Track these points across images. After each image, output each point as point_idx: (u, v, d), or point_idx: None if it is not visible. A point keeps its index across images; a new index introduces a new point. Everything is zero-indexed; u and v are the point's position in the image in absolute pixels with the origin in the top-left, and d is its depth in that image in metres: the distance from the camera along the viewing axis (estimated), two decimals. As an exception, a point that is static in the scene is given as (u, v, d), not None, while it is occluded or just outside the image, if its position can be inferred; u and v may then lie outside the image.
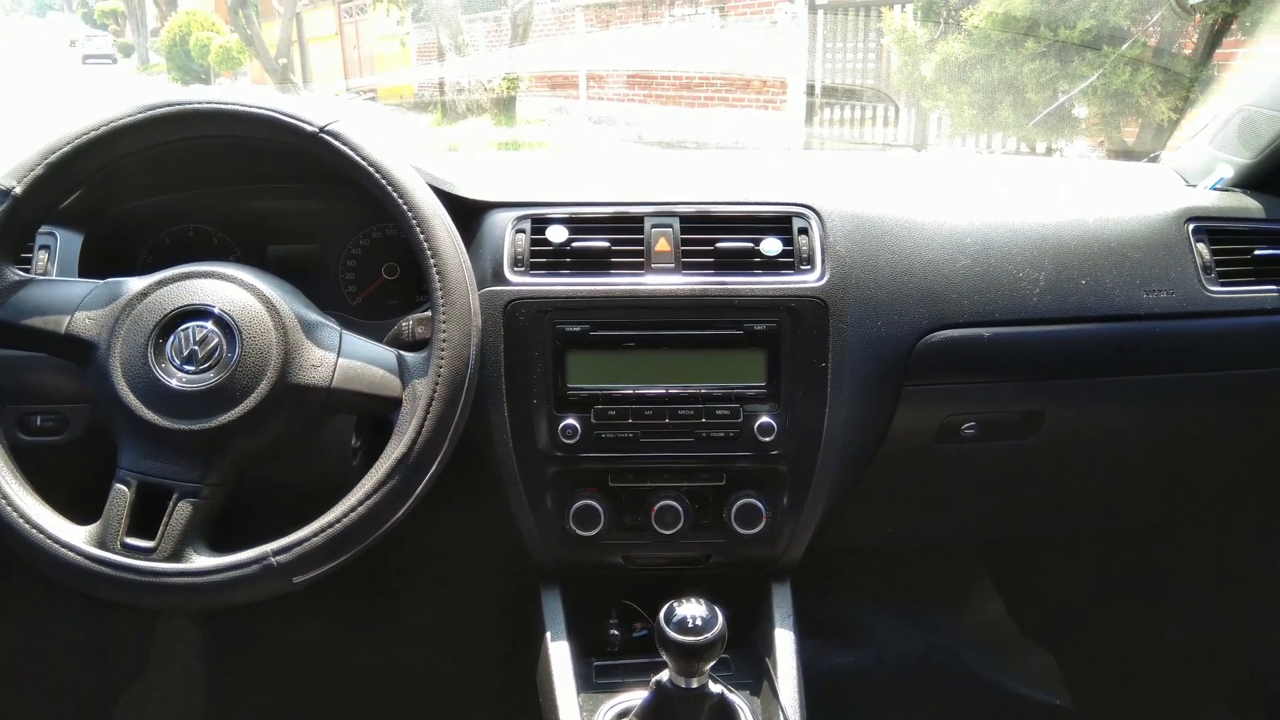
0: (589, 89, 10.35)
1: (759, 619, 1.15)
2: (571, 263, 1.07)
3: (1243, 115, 1.31)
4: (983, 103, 5.56)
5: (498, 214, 1.10)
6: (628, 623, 1.18)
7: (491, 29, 11.17)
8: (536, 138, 8.61)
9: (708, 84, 8.99)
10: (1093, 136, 5.36)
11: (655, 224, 1.09)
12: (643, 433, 1.06)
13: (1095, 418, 1.26)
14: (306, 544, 0.87)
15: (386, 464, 0.88)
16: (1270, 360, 1.24)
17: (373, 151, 0.93)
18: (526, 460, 1.07)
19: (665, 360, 1.07)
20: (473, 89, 9.52)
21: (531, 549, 1.12)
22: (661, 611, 0.90)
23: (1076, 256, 1.17)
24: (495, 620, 1.51)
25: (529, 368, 1.05)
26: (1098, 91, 4.87)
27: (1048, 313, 1.15)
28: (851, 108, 7.72)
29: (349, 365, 0.92)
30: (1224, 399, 1.28)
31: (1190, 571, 1.61)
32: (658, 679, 0.94)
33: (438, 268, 0.91)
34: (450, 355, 0.90)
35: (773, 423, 1.06)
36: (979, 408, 1.20)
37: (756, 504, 1.08)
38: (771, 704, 1.05)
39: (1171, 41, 4.90)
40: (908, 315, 1.12)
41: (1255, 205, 1.28)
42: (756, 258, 1.08)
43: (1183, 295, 1.18)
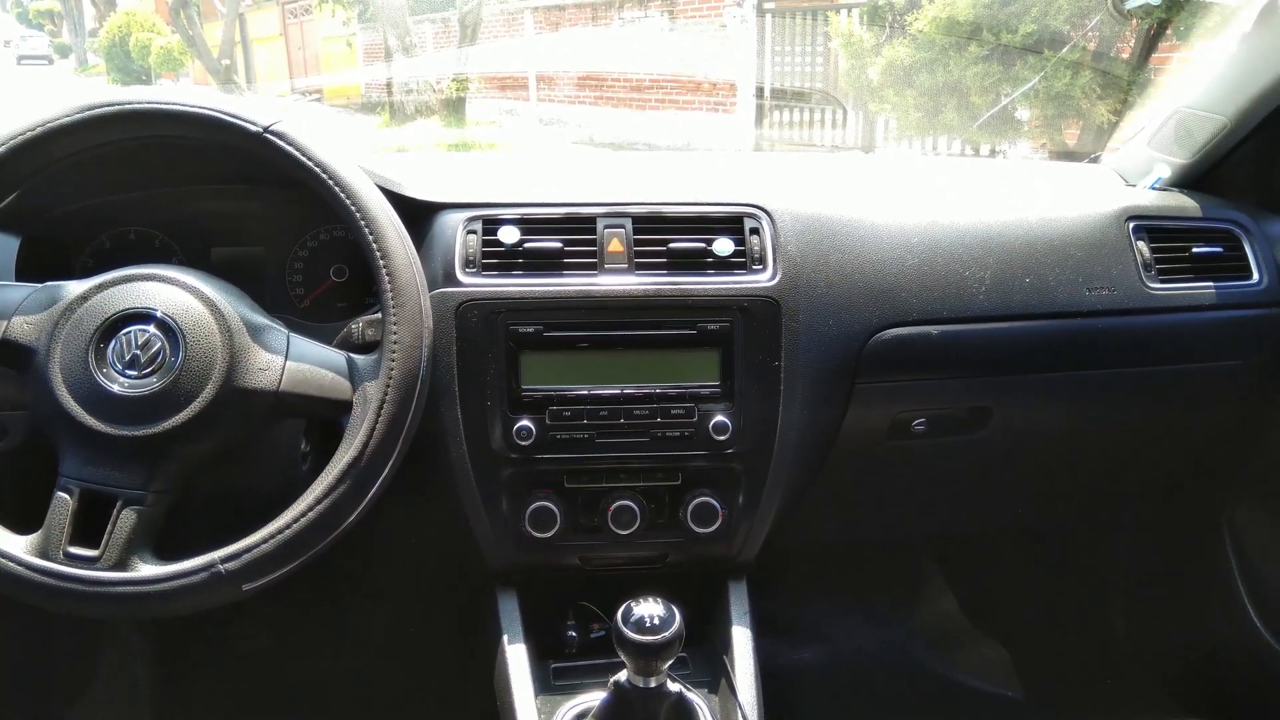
0: (539, 90, 10.32)
1: (716, 617, 1.15)
2: (524, 264, 1.06)
3: (1179, 117, 1.35)
4: (928, 106, 5.65)
5: (448, 215, 1.09)
6: (585, 624, 1.18)
7: (440, 30, 11.08)
8: (487, 139, 8.56)
9: (658, 86, 9.02)
10: (1035, 138, 5.48)
11: (608, 224, 1.09)
12: (598, 433, 1.06)
13: (1040, 413, 1.29)
14: (255, 550, 0.85)
15: (337, 468, 0.87)
16: (1207, 355, 1.27)
17: (319, 152, 0.91)
18: (481, 463, 1.06)
19: (619, 360, 1.07)
20: (421, 90, 9.43)
21: (486, 552, 1.11)
22: (619, 611, 0.90)
23: (1021, 255, 1.19)
24: (450, 625, 1.49)
25: (482, 369, 1.04)
26: (1039, 94, 4.98)
27: (993, 310, 1.17)
28: (800, 110, 7.80)
29: (297, 368, 0.90)
30: (1164, 394, 1.31)
31: (1135, 564, 1.65)
32: (616, 679, 0.94)
33: (387, 269, 0.90)
34: (401, 357, 0.89)
35: (727, 421, 1.06)
36: (928, 404, 1.22)
37: (712, 503, 1.08)
38: (729, 701, 1.05)
39: (1110, 45, 5.03)
40: (858, 314, 1.13)
41: (1192, 204, 1.32)
42: (709, 258, 1.08)
43: (1124, 292, 1.21)
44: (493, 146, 8.19)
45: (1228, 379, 1.30)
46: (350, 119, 9.91)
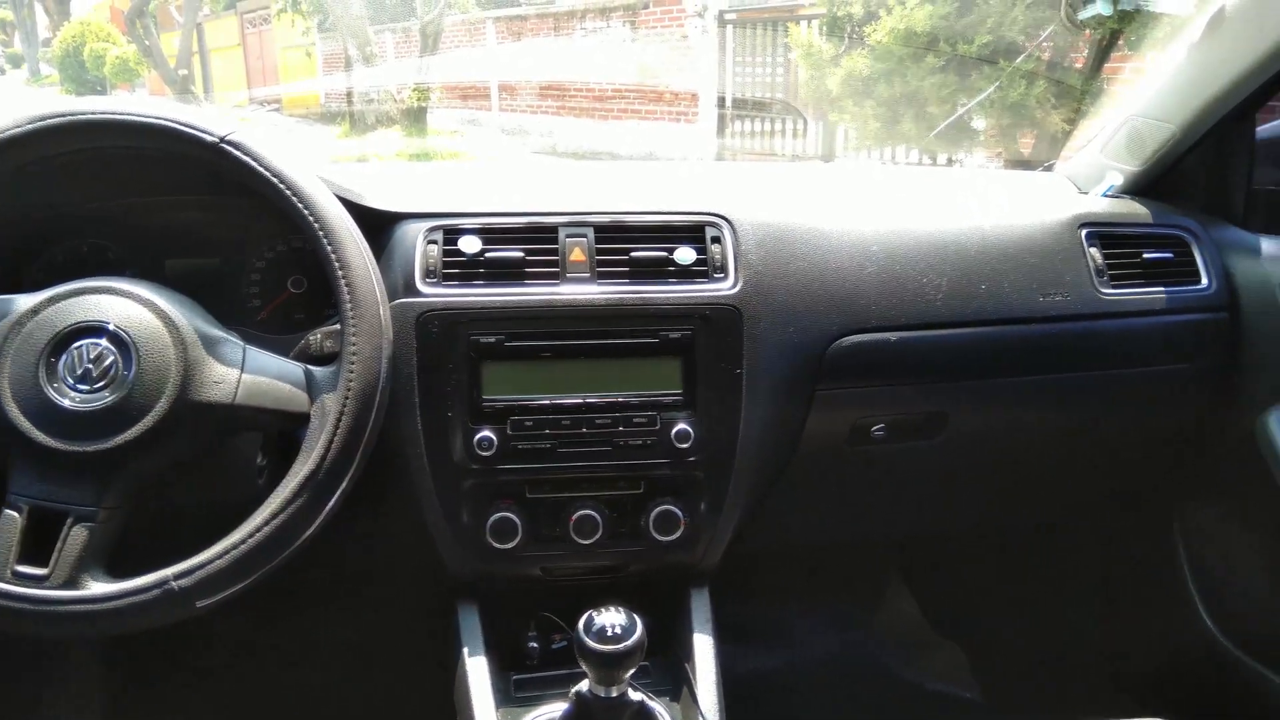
0: (501, 100, 10.31)
1: (678, 625, 1.15)
2: (485, 273, 1.06)
3: (1130, 125, 1.38)
4: (886, 116, 5.72)
5: (408, 225, 1.08)
6: (547, 634, 1.17)
7: (400, 39, 11.04)
8: (448, 149, 8.54)
9: (620, 96, 9.05)
10: (991, 147, 5.57)
11: (570, 234, 1.09)
12: (560, 443, 1.06)
13: (996, 417, 1.31)
14: (209, 567, 0.84)
15: (294, 481, 0.85)
16: (1158, 359, 1.30)
17: (276, 162, 0.90)
18: (441, 473, 1.05)
19: (582, 370, 1.07)
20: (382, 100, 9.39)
21: (447, 563, 1.10)
22: (580, 621, 0.89)
23: (976, 262, 1.21)
24: (410, 637, 1.48)
25: (443, 380, 1.03)
26: (995, 104, 5.06)
27: (950, 317, 1.18)
28: (761, 120, 7.86)
29: (253, 381, 0.89)
30: (1117, 397, 1.33)
31: (1091, 566, 1.68)
32: (577, 689, 0.93)
33: (346, 279, 0.89)
34: (360, 368, 0.88)
35: (689, 429, 1.07)
36: (887, 410, 1.23)
37: (674, 511, 1.08)
38: (691, 709, 1.05)
39: (1063, 56, 5.13)
40: (818, 321, 1.14)
41: (1143, 211, 1.35)
42: (671, 267, 1.09)
43: (1077, 298, 1.23)
44: (454, 156, 8.18)
45: (1178, 382, 1.33)
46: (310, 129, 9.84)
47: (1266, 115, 1.37)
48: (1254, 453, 1.29)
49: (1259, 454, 1.28)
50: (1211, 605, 1.47)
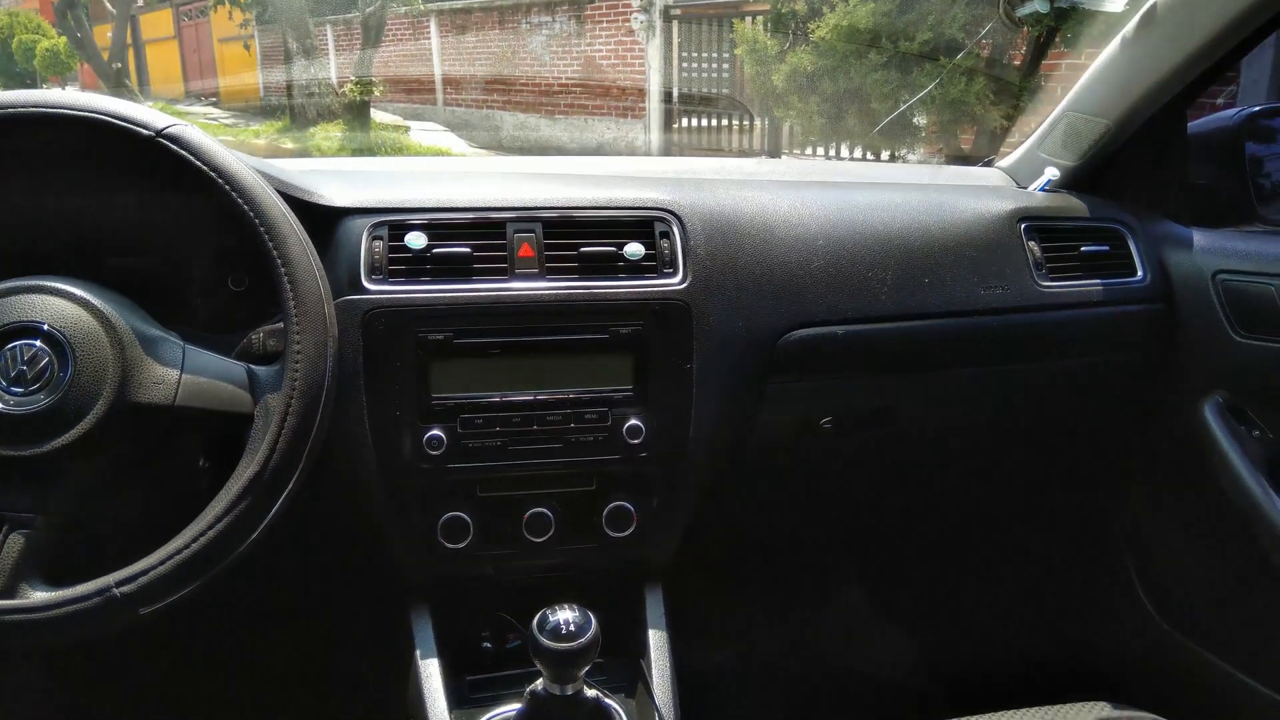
0: (446, 94, 10.21)
1: (633, 622, 1.15)
2: (432, 269, 1.04)
3: (1067, 121, 1.40)
4: (831, 112, 5.79)
5: (353, 221, 1.06)
6: (501, 634, 1.16)
7: (342, 32, 10.87)
8: (392, 143, 8.43)
9: (566, 91, 9.02)
10: (932, 144, 5.66)
11: (517, 229, 1.08)
12: (511, 440, 1.05)
13: (942, 409, 1.33)
14: (153, 572, 0.82)
15: (238, 484, 0.84)
16: (1097, 350, 1.33)
17: (216, 156, 0.88)
18: (390, 473, 1.04)
19: (532, 366, 1.06)
20: (323, 94, 9.24)
21: (398, 565, 1.09)
22: (534, 620, 0.89)
23: (919, 256, 1.22)
24: (361, 642, 1.46)
25: (391, 378, 1.02)
26: (936, 100, 5.14)
27: (895, 310, 1.20)
28: (708, 116, 7.90)
29: (194, 381, 0.87)
30: (1057, 388, 1.36)
31: (1037, 554, 1.71)
32: (532, 688, 0.93)
33: (289, 276, 0.87)
34: (305, 367, 0.86)
35: (641, 425, 1.07)
36: (836, 403, 1.24)
37: (627, 507, 1.08)
38: (646, 705, 1.05)
39: (1002, 53, 5.23)
40: (767, 315, 1.15)
41: (1080, 205, 1.38)
42: (620, 262, 1.08)
43: (1017, 290, 1.26)
44: (398, 151, 8.08)
45: (1116, 372, 1.36)
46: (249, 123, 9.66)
47: (1197, 112, 1.41)
48: (1191, 440, 1.33)
49: (1196, 441, 1.32)
50: (1152, 590, 1.51)
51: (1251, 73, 4.99)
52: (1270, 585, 1.24)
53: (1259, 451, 1.26)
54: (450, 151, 8.56)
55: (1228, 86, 4.92)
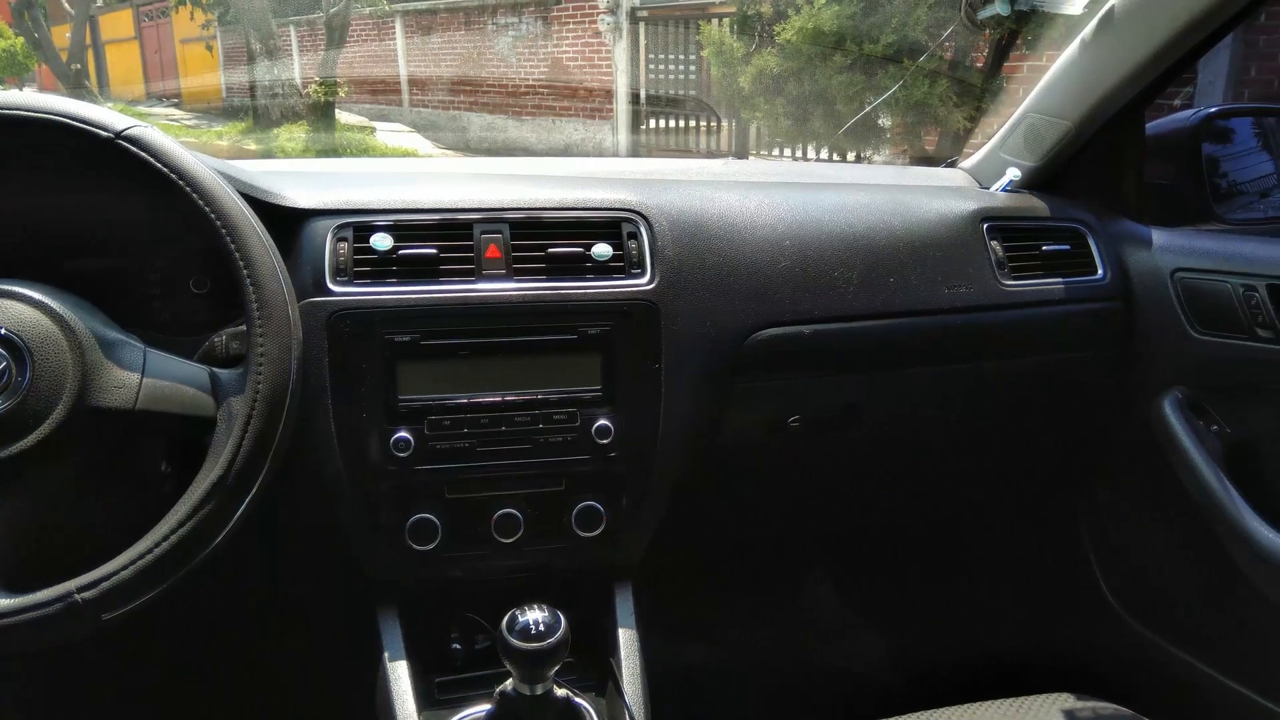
0: (411, 95, 10.14)
1: (603, 621, 1.15)
2: (398, 271, 1.04)
3: (1028, 122, 1.42)
4: (796, 113, 5.82)
5: (317, 222, 1.05)
6: (470, 635, 1.16)
7: (305, 33, 10.77)
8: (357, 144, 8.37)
9: (534, 92, 9.00)
10: (897, 145, 5.71)
11: (485, 230, 1.08)
12: (479, 442, 1.05)
13: (907, 408, 1.34)
14: (115, 578, 0.80)
15: (201, 488, 0.82)
16: (1058, 347, 1.35)
17: (177, 158, 0.87)
18: (357, 476, 1.03)
19: (500, 367, 1.06)
20: (287, 95, 9.15)
21: (366, 568, 1.08)
22: (504, 620, 0.89)
23: (884, 256, 1.24)
24: (328, 644, 1.45)
25: (357, 380, 1.01)
26: (900, 102, 5.19)
27: (861, 309, 1.21)
28: (675, 117, 7.92)
29: (155, 385, 0.86)
30: (1020, 385, 1.38)
31: (1004, 549, 1.73)
32: (501, 688, 0.93)
33: (251, 278, 0.86)
34: (269, 370, 0.85)
35: (610, 425, 1.07)
36: (803, 402, 1.25)
37: (596, 507, 1.08)
38: (616, 704, 1.05)
39: (965, 56, 5.29)
40: (735, 315, 1.15)
41: (1041, 205, 1.40)
42: (588, 262, 1.08)
43: (980, 289, 1.27)
44: (364, 152, 8.02)
45: (1078, 369, 1.39)
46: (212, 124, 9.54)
47: (1155, 113, 1.43)
48: (1150, 436, 1.36)
49: (1155, 437, 1.35)
50: (1114, 583, 1.54)
51: (1208, 74, 5.09)
52: (1229, 577, 1.27)
53: (1217, 446, 1.29)
54: (417, 153, 8.51)
55: (1185, 88, 5.02)
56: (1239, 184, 1.49)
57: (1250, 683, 1.32)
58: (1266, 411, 1.28)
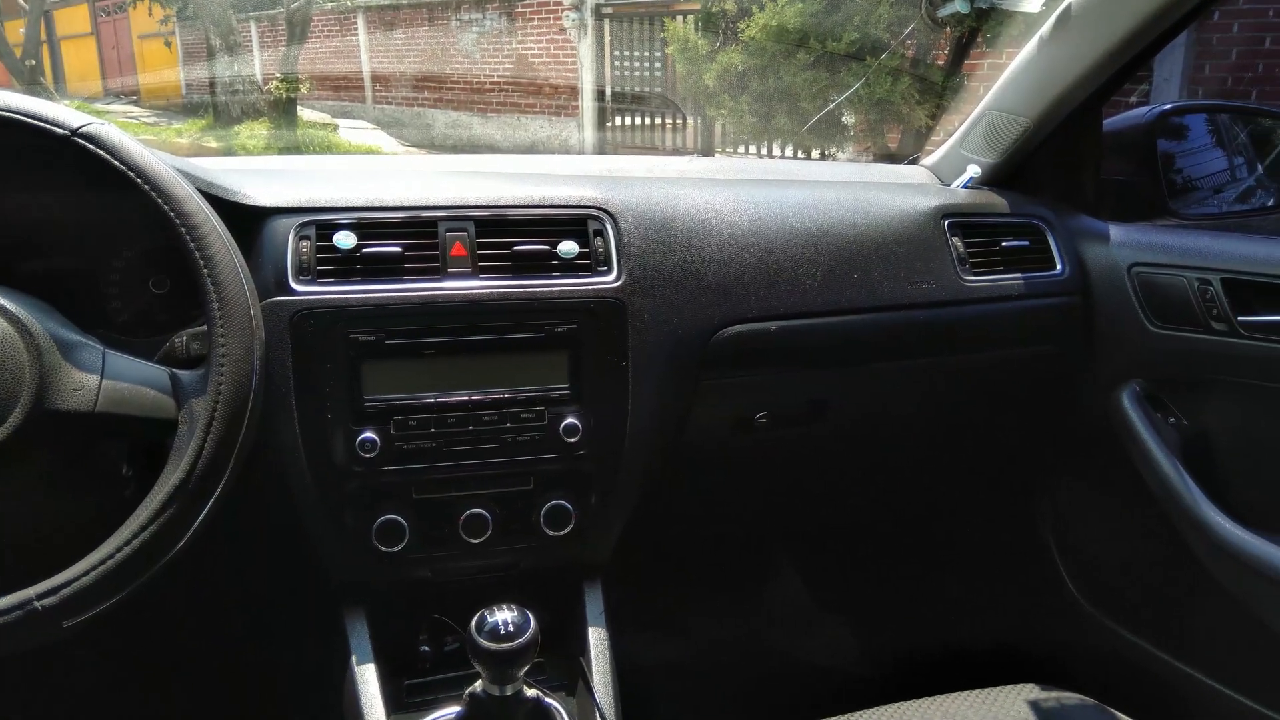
0: (374, 91, 10.05)
1: (572, 620, 1.15)
2: (362, 270, 1.03)
3: (987, 119, 1.44)
4: (761, 111, 5.85)
5: (278, 221, 1.04)
6: (439, 637, 1.15)
7: (266, 28, 10.64)
8: (320, 141, 8.28)
9: (498, 89, 8.96)
10: (860, 142, 5.76)
11: (449, 228, 1.07)
12: (446, 442, 1.04)
13: (872, 403, 1.36)
14: (76, 584, 0.79)
15: (163, 491, 0.81)
16: (1019, 341, 1.37)
17: (135, 155, 0.86)
18: (322, 477, 1.02)
19: (466, 366, 1.05)
20: (248, 91, 9.03)
21: (332, 570, 1.07)
22: (472, 621, 0.88)
23: (849, 253, 1.25)
24: (296, 649, 1.43)
25: (321, 380, 1.00)
26: (863, 100, 5.23)
27: (825, 305, 1.22)
28: (641, 114, 7.92)
29: (115, 387, 0.84)
30: (983, 379, 1.40)
31: (967, 541, 1.76)
32: (471, 690, 0.92)
33: (212, 277, 0.85)
34: (231, 371, 0.84)
35: (577, 423, 1.07)
36: (770, 398, 1.26)
37: (565, 505, 1.08)
38: (587, 702, 1.06)
39: (926, 53, 5.34)
40: (701, 312, 1.15)
41: (1001, 201, 1.41)
42: (554, 260, 1.08)
43: (942, 285, 1.29)
44: (327, 149, 7.94)
45: (1038, 363, 1.40)
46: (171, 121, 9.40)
47: (1111, 110, 1.46)
48: (1109, 428, 1.38)
49: (1113, 429, 1.37)
50: (1075, 573, 1.56)
51: (1163, 71, 5.19)
52: (1188, 567, 1.29)
53: (1174, 437, 1.31)
54: (380, 150, 8.44)
55: (1140, 85, 5.11)
56: (1194, 180, 1.52)
57: (1209, 669, 1.35)
58: (1222, 403, 1.30)
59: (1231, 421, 1.30)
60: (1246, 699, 1.28)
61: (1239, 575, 1.20)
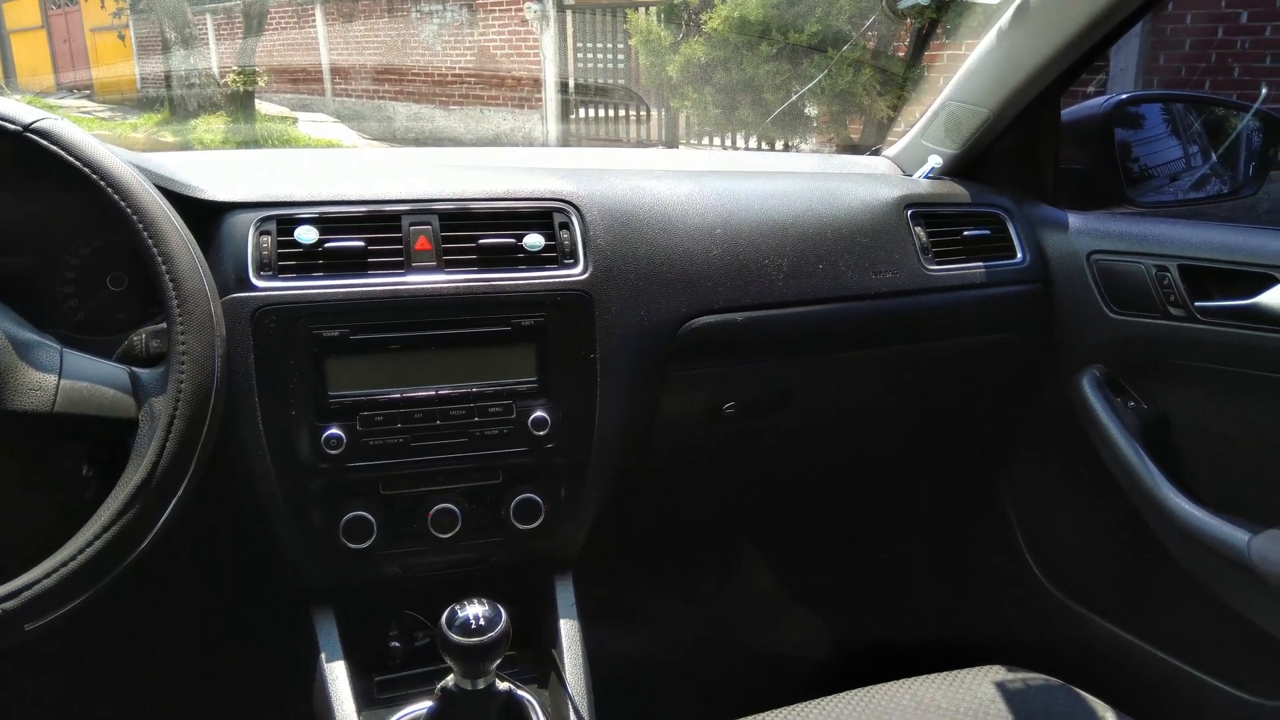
0: (334, 84, 9.93)
1: (543, 613, 1.15)
2: (325, 264, 1.02)
3: (948, 110, 1.45)
4: (725, 102, 5.86)
5: (238, 215, 1.02)
6: (409, 633, 1.15)
7: (222, 20, 10.47)
8: (279, 135, 8.17)
9: (460, 81, 8.89)
10: (823, 133, 5.79)
11: (413, 222, 1.06)
12: (413, 437, 1.03)
13: (838, 391, 1.37)
14: (37, 587, 0.78)
15: (125, 492, 0.80)
16: (981, 329, 1.39)
17: (89, 151, 0.84)
18: (287, 475, 1.01)
19: (433, 361, 1.04)
20: (204, 84, 8.89)
21: (299, 568, 1.06)
22: (443, 616, 0.88)
23: (814, 243, 1.25)
24: (264, 648, 1.42)
25: (285, 377, 0.99)
26: (825, 91, 5.25)
27: (791, 296, 1.22)
28: (604, 106, 7.90)
29: (73, 387, 0.83)
30: (946, 367, 1.41)
31: (932, 526, 1.78)
32: (443, 685, 0.92)
33: (170, 274, 0.84)
34: (191, 368, 0.83)
35: (546, 416, 1.06)
36: (737, 388, 1.26)
37: (534, 499, 1.08)
38: (559, 695, 1.06)
39: (887, 45, 5.38)
40: (668, 304, 1.16)
41: (962, 191, 1.43)
42: (520, 253, 1.08)
43: (905, 274, 1.30)
44: (286, 143, 7.84)
45: (1000, 350, 1.42)
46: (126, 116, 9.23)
47: (1069, 99, 1.48)
48: (1069, 413, 1.40)
49: (1074, 414, 1.39)
50: (1039, 557, 1.59)
51: (1119, 62, 5.27)
52: (1148, 549, 1.32)
53: (1134, 421, 1.33)
54: (341, 143, 8.35)
55: (1098, 75, 5.18)
56: (1150, 168, 1.54)
57: (1172, 649, 1.37)
58: (1181, 387, 1.33)
59: (1189, 405, 1.33)
60: (1208, 677, 1.31)
61: (1198, 556, 1.22)
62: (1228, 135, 1.59)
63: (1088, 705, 1.03)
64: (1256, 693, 1.26)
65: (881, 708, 1.02)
